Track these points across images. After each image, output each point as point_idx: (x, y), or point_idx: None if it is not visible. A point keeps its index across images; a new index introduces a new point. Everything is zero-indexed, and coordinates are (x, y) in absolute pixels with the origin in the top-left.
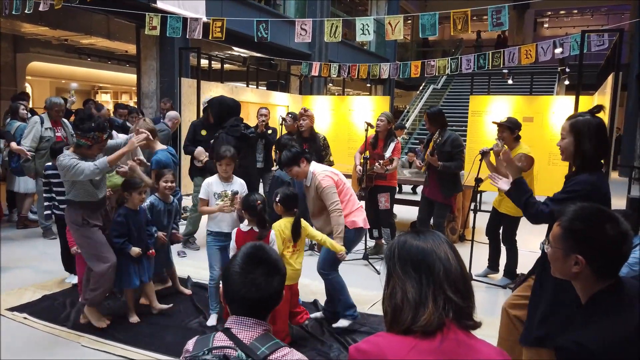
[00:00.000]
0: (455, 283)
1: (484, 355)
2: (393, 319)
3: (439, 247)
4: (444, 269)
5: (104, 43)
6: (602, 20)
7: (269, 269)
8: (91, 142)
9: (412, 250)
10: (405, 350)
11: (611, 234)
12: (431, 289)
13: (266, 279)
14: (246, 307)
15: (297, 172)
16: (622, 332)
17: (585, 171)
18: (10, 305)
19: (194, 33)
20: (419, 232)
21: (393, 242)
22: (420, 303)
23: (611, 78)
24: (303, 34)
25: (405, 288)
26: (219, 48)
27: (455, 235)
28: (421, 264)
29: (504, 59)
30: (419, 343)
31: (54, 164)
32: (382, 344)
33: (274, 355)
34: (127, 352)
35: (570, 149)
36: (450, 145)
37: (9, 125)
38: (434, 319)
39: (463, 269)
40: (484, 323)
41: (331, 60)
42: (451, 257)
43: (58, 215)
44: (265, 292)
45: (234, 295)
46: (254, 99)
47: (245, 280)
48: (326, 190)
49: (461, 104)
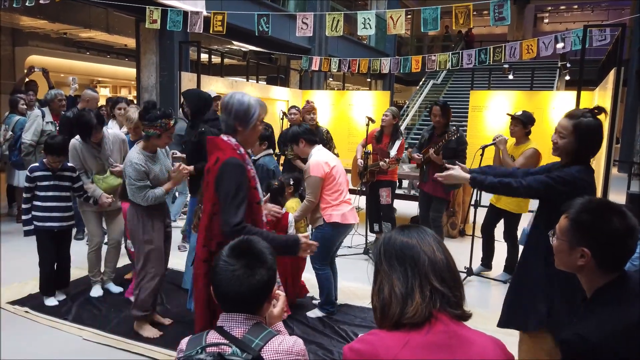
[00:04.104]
0: (441, 274)
1: (478, 346)
2: (382, 314)
3: (423, 240)
4: (429, 261)
5: (103, 37)
6: (603, 15)
7: (250, 261)
8: (160, 130)
9: (396, 245)
10: (398, 347)
11: (618, 227)
12: (417, 281)
13: (246, 271)
14: (232, 303)
15: (297, 150)
16: (624, 325)
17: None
18: (11, 299)
19: (194, 27)
20: (404, 227)
21: (379, 240)
22: (407, 295)
23: (613, 73)
24: (304, 28)
25: (391, 282)
26: (218, 42)
27: (455, 231)
28: (405, 257)
29: (505, 54)
30: (411, 338)
31: (43, 165)
32: (375, 342)
33: (269, 345)
34: (128, 345)
35: (569, 148)
36: (456, 142)
37: (8, 119)
38: (421, 310)
39: (449, 260)
40: (483, 317)
41: (331, 55)
42: (436, 248)
43: (40, 229)
44: (246, 286)
45: (218, 291)
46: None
47: (226, 274)
48: (310, 179)
49: (461, 99)
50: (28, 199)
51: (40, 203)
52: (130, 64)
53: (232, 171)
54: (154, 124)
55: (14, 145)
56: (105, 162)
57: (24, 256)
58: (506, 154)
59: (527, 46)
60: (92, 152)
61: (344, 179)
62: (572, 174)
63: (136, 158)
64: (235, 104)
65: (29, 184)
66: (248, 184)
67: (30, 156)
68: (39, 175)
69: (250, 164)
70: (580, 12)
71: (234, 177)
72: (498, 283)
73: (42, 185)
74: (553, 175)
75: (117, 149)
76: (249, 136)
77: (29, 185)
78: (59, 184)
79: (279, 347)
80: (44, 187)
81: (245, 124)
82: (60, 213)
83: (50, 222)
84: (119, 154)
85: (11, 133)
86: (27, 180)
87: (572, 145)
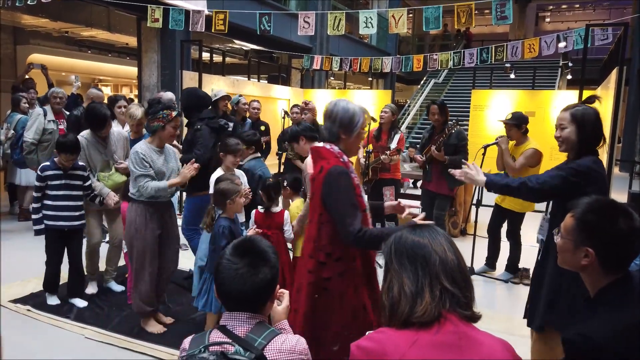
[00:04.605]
0: (452, 274)
1: (487, 347)
2: (391, 312)
3: (435, 240)
4: (440, 260)
5: (104, 35)
6: (604, 14)
7: (254, 260)
8: (163, 122)
9: (407, 244)
10: (406, 346)
11: (624, 228)
12: (427, 280)
13: (250, 270)
14: (235, 301)
15: (297, 149)
16: (627, 326)
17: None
18: (13, 297)
19: (196, 26)
20: (415, 227)
21: (390, 238)
22: (417, 294)
23: (615, 72)
24: (306, 27)
25: (401, 280)
26: (220, 41)
27: (457, 230)
28: (417, 256)
29: (507, 53)
30: (419, 337)
31: (55, 164)
32: (383, 340)
33: (272, 344)
34: (130, 344)
35: (572, 138)
36: (456, 138)
37: (10, 118)
38: (431, 310)
39: (460, 261)
40: (486, 317)
41: (332, 54)
42: (447, 249)
43: (50, 228)
44: (249, 285)
45: (222, 290)
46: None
47: (229, 273)
48: (308, 177)
49: (463, 98)
50: (38, 198)
51: (51, 202)
52: (132, 63)
53: (339, 179)
54: (156, 116)
55: (16, 143)
56: (110, 158)
57: (27, 254)
58: (507, 153)
59: (529, 45)
60: (97, 148)
61: None
62: (584, 164)
63: (140, 148)
64: (340, 112)
65: (39, 183)
66: (354, 192)
67: (31, 154)
68: (50, 175)
69: (353, 171)
70: (581, 11)
71: (342, 185)
72: (501, 283)
73: (53, 185)
74: (564, 167)
75: (122, 145)
76: (352, 144)
77: (40, 184)
78: (70, 183)
79: (282, 346)
80: (55, 186)
81: (349, 132)
82: (71, 212)
83: (60, 222)
84: (122, 151)
85: (13, 132)
86: (37, 180)
87: (574, 134)
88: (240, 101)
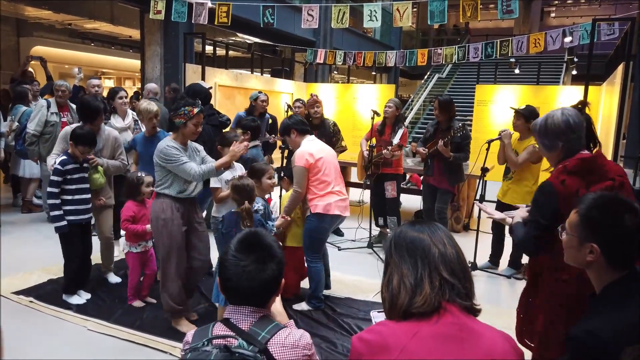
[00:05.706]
0: (451, 266)
1: (488, 339)
2: (391, 305)
3: (435, 235)
4: (439, 252)
5: (107, 28)
6: (610, 10)
7: (261, 256)
8: (184, 118)
9: (407, 238)
10: (407, 337)
11: (629, 224)
12: (427, 271)
13: (257, 266)
14: (240, 297)
15: (289, 142)
16: (633, 322)
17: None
18: (16, 289)
19: (199, 18)
20: (415, 222)
21: (391, 234)
22: (417, 285)
23: (621, 68)
24: (310, 20)
25: (401, 272)
26: (223, 34)
27: (459, 225)
28: (416, 249)
29: (513, 47)
30: (420, 329)
31: (71, 157)
32: (384, 332)
33: (275, 338)
34: (133, 336)
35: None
36: (460, 136)
37: (14, 110)
38: (430, 300)
39: (460, 254)
40: (489, 313)
41: (336, 48)
42: (447, 242)
43: (72, 223)
44: (257, 281)
45: (227, 285)
46: (258, 85)
47: (236, 269)
48: (295, 169)
49: (467, 93)
50: (56, 194)
51: (70, 197)
52: (135, 56)
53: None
54: (178, 112)
55: (20, 134)
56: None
57: (30, 247)
58: (510, 148)
59: (535, 40)
60: None
61: (332, 171)
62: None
63: (167, 143)
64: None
65: (58, 178)
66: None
67: (33, 146)
68: (70, 168)
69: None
70: (587, 6)
71: None
72: (504, 278)
73: (72, 178)
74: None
75: (110, 144)
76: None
77: (58, 179)
78: (84, 176)
79: (286, 340)
80: (74, 180)
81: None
82: (86, 205)
83: (80, 215)
84: (108, 150)
85: (17, 124)
86: (56, 174)
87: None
88: (260, 97)
